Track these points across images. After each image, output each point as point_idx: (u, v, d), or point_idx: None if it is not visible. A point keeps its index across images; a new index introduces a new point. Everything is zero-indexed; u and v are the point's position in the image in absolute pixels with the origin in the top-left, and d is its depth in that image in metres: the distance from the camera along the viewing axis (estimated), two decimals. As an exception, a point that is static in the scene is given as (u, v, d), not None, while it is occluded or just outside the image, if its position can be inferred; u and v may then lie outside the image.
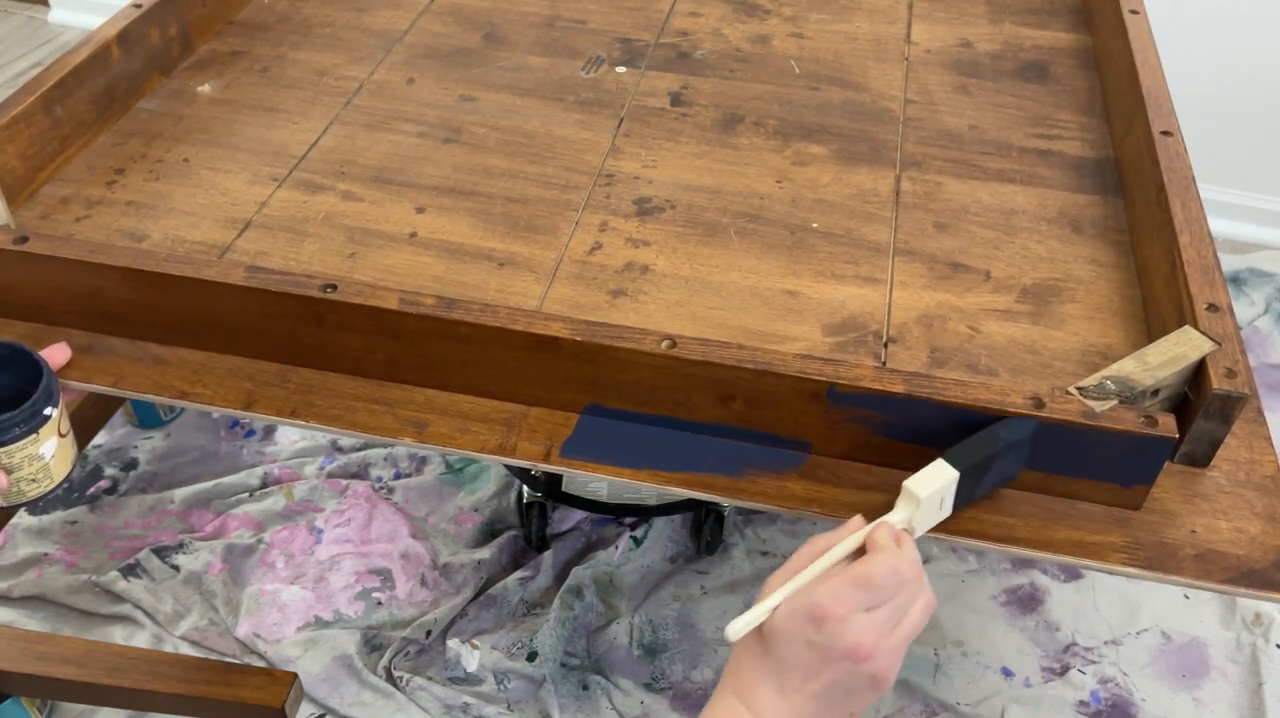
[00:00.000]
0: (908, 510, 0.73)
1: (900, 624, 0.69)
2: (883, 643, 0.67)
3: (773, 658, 0.69)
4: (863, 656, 0.66)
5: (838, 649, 0.67)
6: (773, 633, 0.69)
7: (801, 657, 0.68)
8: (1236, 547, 0.77)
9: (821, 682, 0.68)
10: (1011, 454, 0.77)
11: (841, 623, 0.66)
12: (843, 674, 0.67)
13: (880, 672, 0.68)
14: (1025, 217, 1.05)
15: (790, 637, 0.68)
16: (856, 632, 0.66)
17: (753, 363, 0.78)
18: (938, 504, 0.74)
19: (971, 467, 0.74)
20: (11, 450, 0.81)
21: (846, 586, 0.67)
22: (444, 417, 0.86)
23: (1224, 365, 0.78)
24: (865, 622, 0.67)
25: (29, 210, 1.04)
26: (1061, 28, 1.35)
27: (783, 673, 0.69)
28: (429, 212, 1.04)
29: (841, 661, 0.67)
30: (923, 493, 0.72)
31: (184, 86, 1.21)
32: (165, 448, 1.91)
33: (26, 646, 1.43)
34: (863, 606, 0.67)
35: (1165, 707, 1.58)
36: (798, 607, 0.68)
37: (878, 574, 0.67)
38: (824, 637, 0.67)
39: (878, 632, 0.67)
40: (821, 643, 0.67)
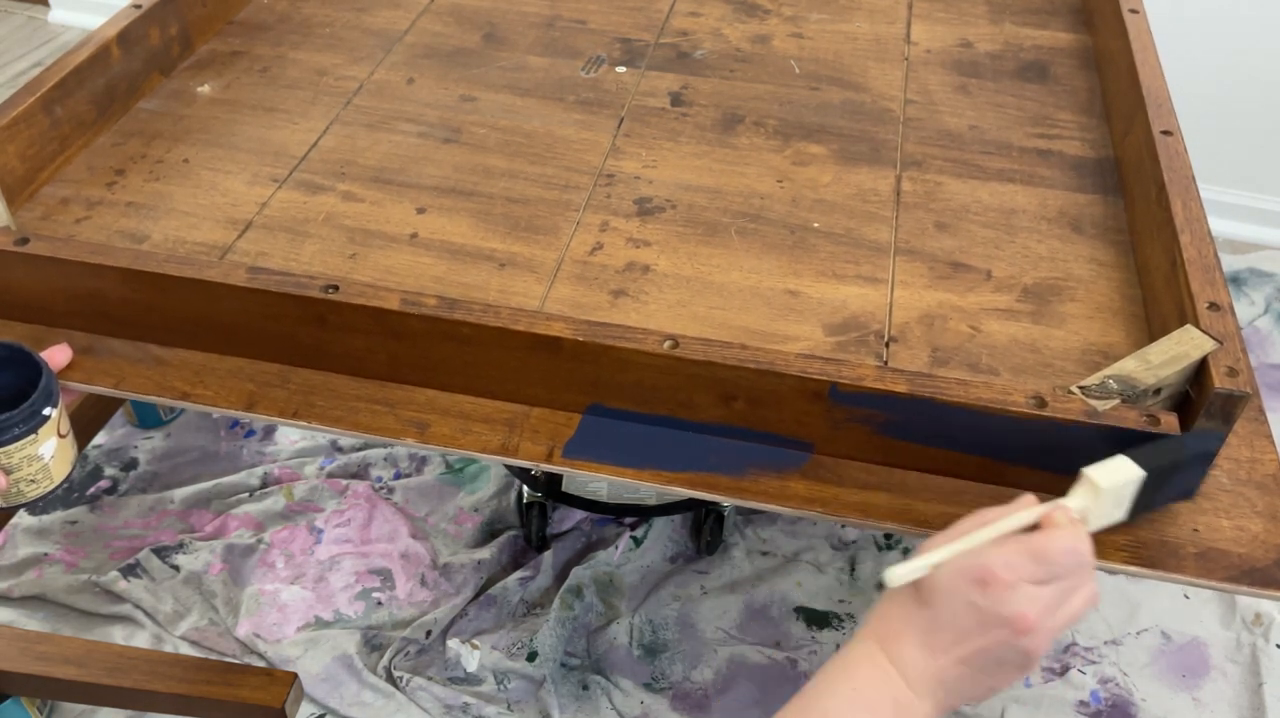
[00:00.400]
0: (1085, 499, 0.69)
1: (1063, 607, 0.66)
2: (1045, 620, 0.65)
3: (927, 612, 0.67)
4: (1024, 627, 0.64)
5: (1000, 616, 0.64)
6: (933, 588, 0.66)
7: (960, 617, 0.65)
8: (1238, 545, 0.77)
9: (973, 647, 0.66)
10: (1194, 466, 0.75)
11: (1010, 589, 0.64)
12: (997, 644, 0.65)
13: (1034, 649, 0.65)
14: (1025, 216, 1.05)
15: (952, 594, 0.65)
16: (1022, 601, 0.64)
17: (754, 363, 0.78)
18: (1115, 502, 0.71)
19: (1157, 469, 0.71)
20: (10, 451, 0.81)
21: (1020, 554, 0.65)
22: (446, 417, 0.86)
23: (1226, 364, 0.78)
24: (1033, 593, 0.64)
25: (29, 211, 1.04)
26: (1061, 27, 1.35)
27: (935, 631, 0.66)
28: (430, 212, 1.04)
29: (1001, 627, 0.64)
30: (1104, 483, 0.69)
31: (184, 87, 1.21)
32: (165, 448, 1.91)
33: (26, 646, 1.43)
34: (1034, 577, 0.64)
35: (1165, 707, 1.58)
36: (965, 566, 0.65)
37: (1055, 548, 0.65)
38: (989, 600, 0.64)
39: (1043, 607, 0.64)
40: (985, 607, 0.64)
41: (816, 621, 1.67)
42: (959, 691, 0.67)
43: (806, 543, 1.78)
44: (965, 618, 0.65)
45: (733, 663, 1.62)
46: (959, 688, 0.67)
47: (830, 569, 1.74)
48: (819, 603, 1.70)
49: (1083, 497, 0.70)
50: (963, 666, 0.66)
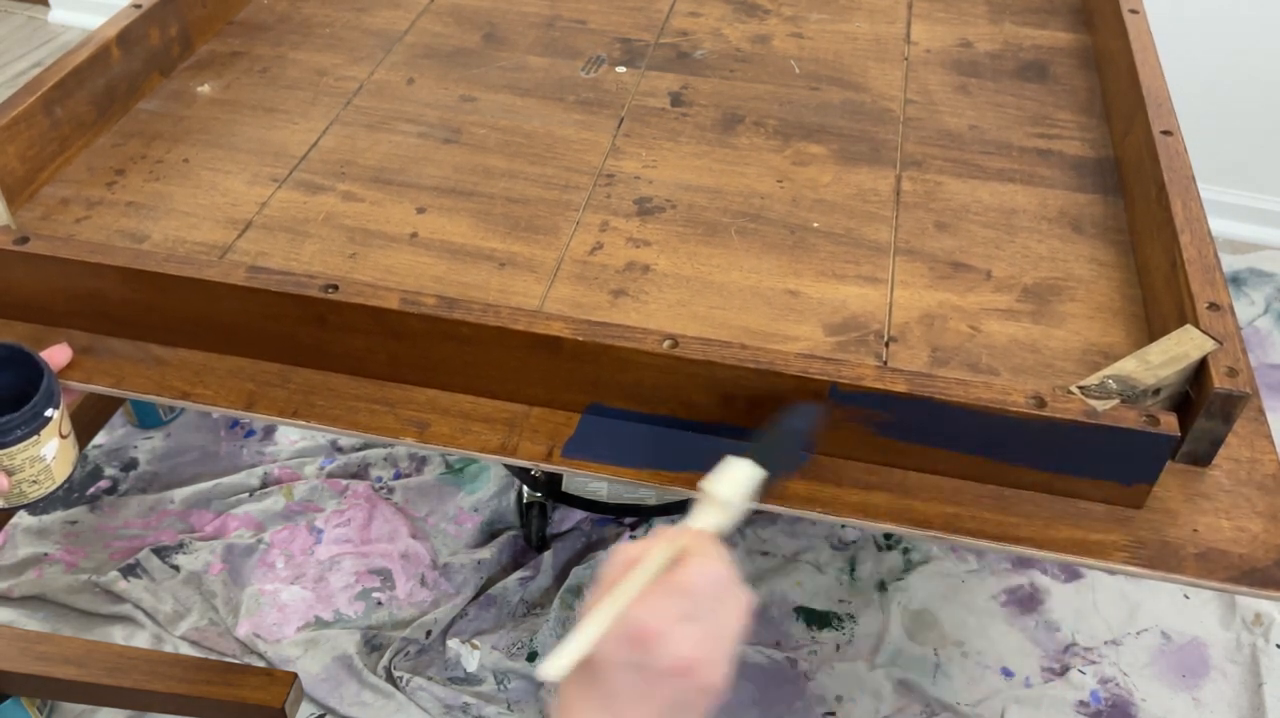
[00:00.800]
0: (711, 515, 0.69)
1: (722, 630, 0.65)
2: (708, 651, 0.64)
3: (600, 690, 0.65)
4: (688, 669, 0.62)
5: (664, 669, 0.62)
6: (596, 664, 0.64)
7: (629, 683, 0.64)
8: (1238, 546, 0.77)
9: (653, 704, 0.64)
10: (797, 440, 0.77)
11: (662, 638, 0.62)
12: (673, 693, 0.63)
13: (710, 680, 0.64)
14: (1025, 216, 1.05)
15: (614, 665, 0.64)
16: (679, 645, 0.62)
17: (754, 363, 0.78)
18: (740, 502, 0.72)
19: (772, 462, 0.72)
20: (13, 452, 0.81)
21: (664, 598, 0.64)
22: (445, 417, 0.86)
23: (1225, 364, 0.78)
24: (686, 632, 0.63)
25: (29, 211, 1.04)
26: (1061, 27, 1.35)
27: (615, 705, 0.64)
28: (429, 212, 1.04)
29: (669, 678, 0.63)
30: (729, 496, 0.70)
31: (184, 87, 1.21)
32: (165, 448, 1.91)
33: (26, 646, 1.43)
34: (684, 615, 0.63)
35: (1165, 707, 1.58)
36: (619, 633, 0.63)
37: (697, 582, 0.64)
38: (649, 657, 0.62)
39: (701, 639, 0.63)
40: (647, 664, 0.63)
41: (816, 621, 1.67)
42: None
43: (806, 543, 1.78)
44: (636, 683, 0.64)
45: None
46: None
47: (830, 569, 1.74)
48: (819, 603, 1.70)
49: (709, 513, 0.69)
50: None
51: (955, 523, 0.79)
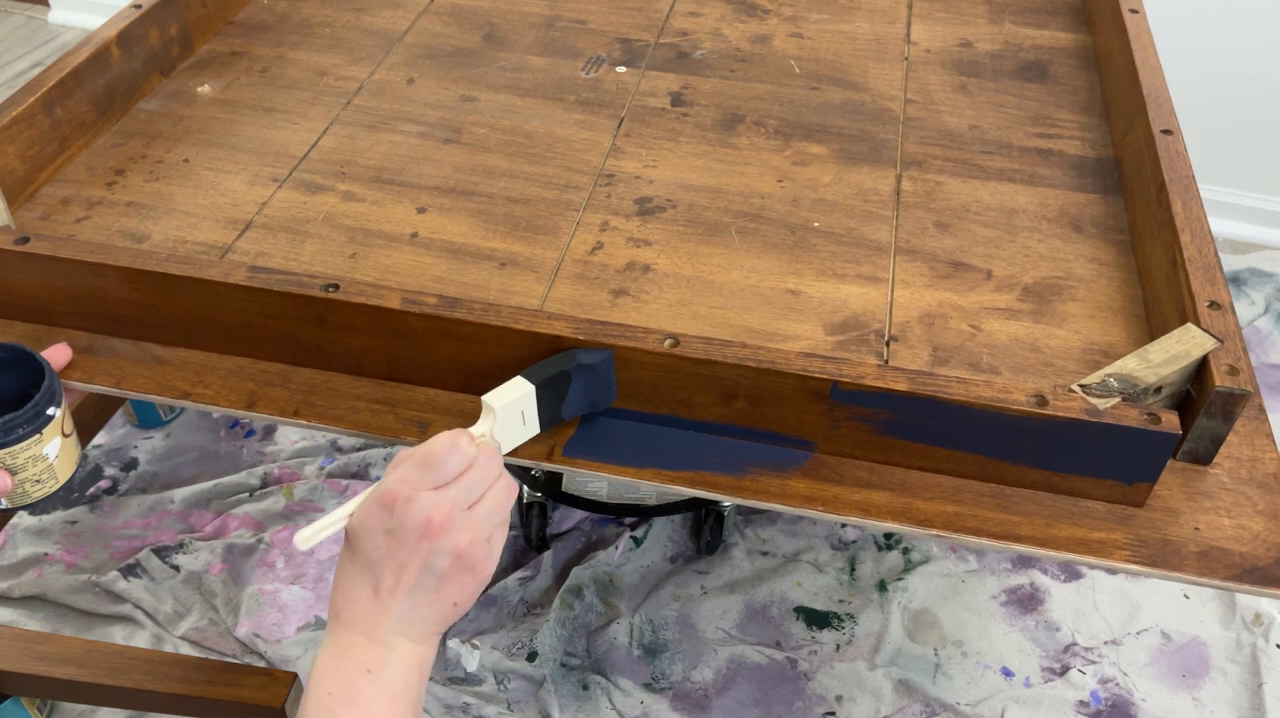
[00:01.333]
0: (488, 423, 0.75)
1: (479, 503, 0.69)
2: (456, 517, 0.68)
3: (360, 561, 0.69)
4: (435, 530, 0.67)
5: (411, 528, 0.67)
6: (354, 534, 0.69)
7: (383, 548, 0.68)
8: (1239, 544, 0.77)
9: (409, 571, 0.68)
10: (594, 379, 0.80)
11: (410, 502, 0.67)
12: (425, 555, 0.68)
13: (463, 548, 0.68)
14: (1026, 216, 1.05)
15: (369, 532, 0.68)
16: (425, 508, 0.67)
17: (755, 361, 0.78)
18: (519, 419, 0.77)
19: (546, 381, 0.78)
20: (15, 451, 0.81)
21: (410, 467, 0.68)
22: (447, 416, 0.86)
23: (1226, 363, 0.78)
24: (434, 498, 0.68)
25: (29, 211, 1.04)
26: (1061, 27, 1.35)
27: (373, 574, 0.69)
28: (430, 212, 1.04)
29: (419, 540, 0.67)
30: (498, 404, 0.75)
31: (184, 87, 1.21)
32: (165, 448, 1.91)
33: (26, 646, 1.43)
34: (430, 484, 0.68)
35: (1165, 707, 1.59)
36: (371, 500, 0.69)
37: (438, 450, 0.68)
38: (396, 520, 0.67)
39: (449, 506, 0.68)
40: (395, 527, 0.67)
41: (816, 621, 1.68)
42: (421, 617, 0.70)
43: (806, 543, 1.78)
44: (388, 547, 0.68)
45: (733, 663, 1.62)
46: (420, 615, 0.70)
47: (830, 569, 1.74)
48: (819, 603, 1.70)
49: (485, 421, 0.76)
50: (412, 592, 0.69)
51: (957, 522, 0.79)
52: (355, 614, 0.69)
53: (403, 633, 0.70)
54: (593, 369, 0.80)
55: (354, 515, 0.70)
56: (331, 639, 0.70)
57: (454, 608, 0.70)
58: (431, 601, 0.69)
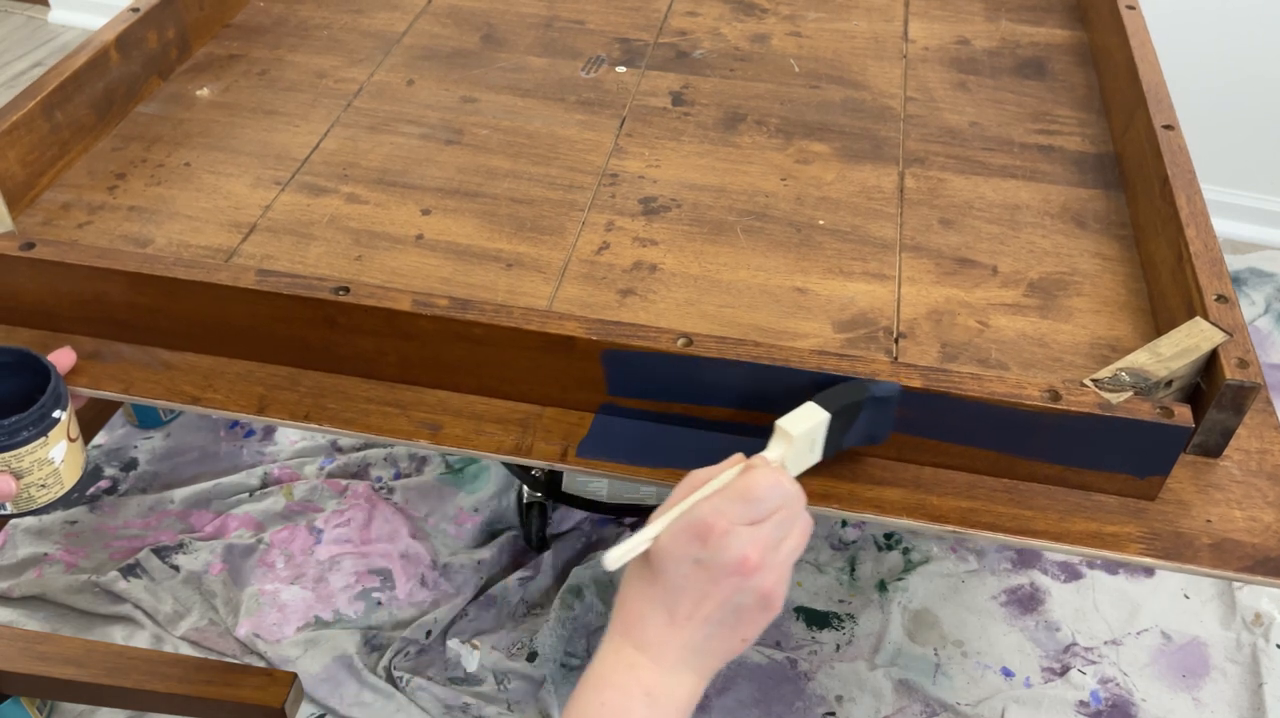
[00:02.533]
0: (781, 448, 0.73)
1: (783, 542, 0.68)
2: (768, 557, 0.66)
3: (660, 584, 0.67)
4: (750, 568, 0.65)
5: (725, 564, 0.65)
6: (658, 557, 0.67)
7: (689, 577, 0.66)
8: (1252, 535, 0.78)
9: (712, 603, 0.67)
10: (879, 412, 0.78)
11: (726, 536, 0.65)
12: (731, 592, 0.66)
13: (768, 588, 0.67)
14: (1029, 212, 1.06)
15: (676, 559, 0.66)
16: (741, 544, 0.65)
17: (769, 360, 0.78)
18: (809, 446, 0.75)
19: (840, 410, 0.75)
20: (21, 454, 0.80)
21: (727, 500, 0.67)
22: (458, 418, 0.86)
23: (1236, 356, 0.78)
24: (750, 534, 0.66)
25: (30, 217, 1.03)
26: (1057, 24, 1.36)
27: (671, 599, 0.67)
28: (434, 213, 1.04)
29: (730, 576, 0.66)
30: (795, 431, 0.72)
31: (182, 90, 1.21)
32: (165, 448, 1.90)
33: (26, 646, 1.42)
34: (746, 518, 0.66)
35: (1165, 707, 1.59)
36: (682, 526, 0.67)
37: (760, 487, 0.67)
38: (709, 552, 0.65)
39: (763, 545, 0.66)
40: (707, 559, 0.66)
41: (816, 621, 1.68)
42: (711, 649, 0.68)
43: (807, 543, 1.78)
44: (695, 577, 0.66)
45: (733, 663, 1.62)
46: (711, 647, 0.68)
47: (830, 569, 1.75)
48: (819, 603, 1.70)
49: (779, 446, 0.73)
50: (707, 624, 0.67)
51: (971, 517, 0.79)
52: (646, 636, 0.68)
53: (689, 665, 0.68)
54: (882, 403, 0.78)
55: (661, 539, 0.67)
56: (615, 651, 0.69)
57: (741, 644, 0.69)
58: (726, 636, 0.68)
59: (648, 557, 0.68)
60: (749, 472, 0.68)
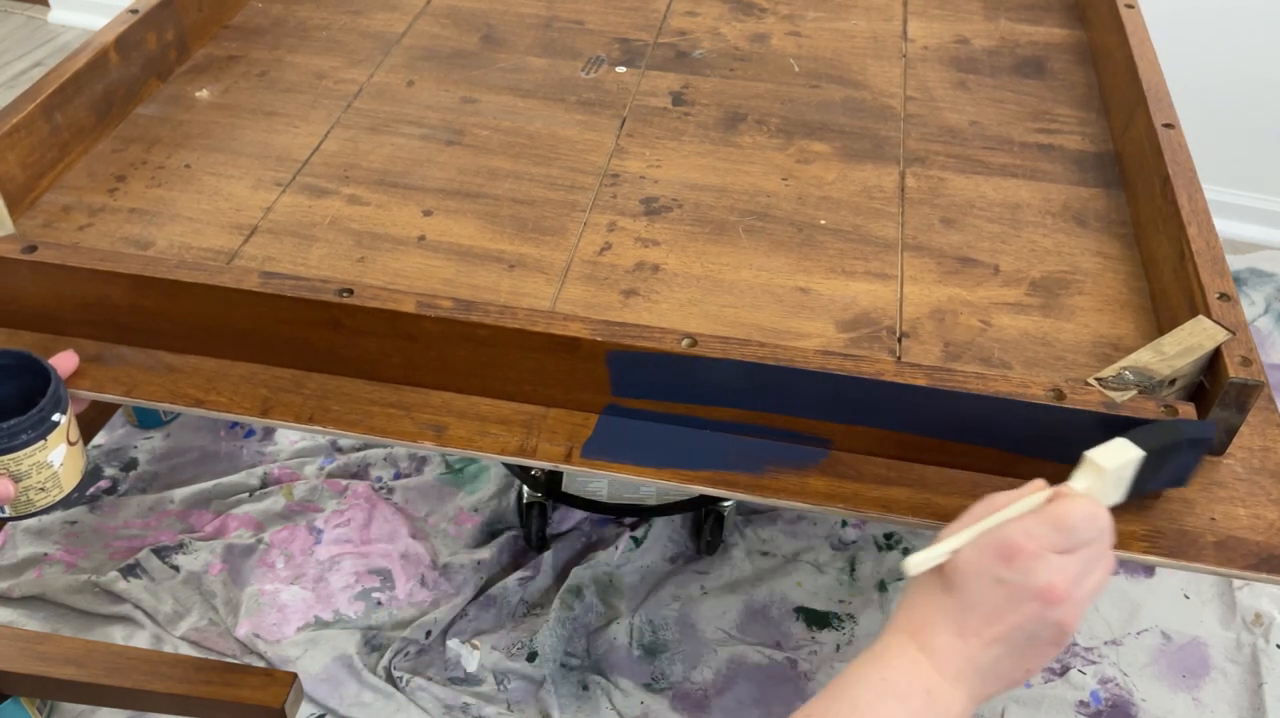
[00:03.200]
0: (1089, 480, 0.69)
1: (1088, 577, 0.65)
2: (1073, 590, 0.63)
3: (955, 596, 0.65)
4: (1055, 597, 0.63)
5: (1029, 588, 0.63)
6: (957, 569, 0.65)
7: (988, 595, 0.64)
8: (1255, 533, 0.78)
9: (1006, 624, 0.64)
10: (1189, 452, 0.75)
11: (1035, 559, 0.63)
12: (1028, 618, 0.64)
13: (1067, 621, 0.64)
14: (1030, 211, 1.06)
15: (977, 574, 0.64)
16: (1050, 571, 0.63)
17: (774, 360, 0.79)
18: (1115, 483, 0.71)
19: (1156, 450, 0.72)
20: (19, 457, 0.80)
21: (1042, 524, 0.64)
22: (462, 419, 0.86)
23: (1239, 354, 0.79)
24: (1060, 563, 0.63)
25: (30, 219, 1.03)
26: (1056, 23, 1.36)
27: (964, 613, 0.65)
28: (436, 214, 1.04)
29: (1031, 601, 0.63)
30: (1107, 465, 0.69)
31: (182, 91, 1.20)
32: (165, 448, 1.90)
33: (26, 646, 1.42)
34: (1057, 547, 0.63)
35: (1165, 707, 1.59)
36: (987, 543, 0.64)
37: (1076, 515, 0.64)
38: (1015, 573, 0.63)
39: (1072, 576, 0.63)
40: (1012, 580, 0.63)
41: (816, 621, 1.68)
42: (995, 673, 0.66)
43: (806, 543, 1.78)
44: (993, 595, 0.64)
45: (733, 663, 1.62)
46: (995, 671, 0.66)
47: (830, 569, 1.75)
48: (819, 603, 1.70)
49: (1087, 478, 0.70)
50: (996, 645, 0.65)
51: (975, 516, 0.79)
52: (933, 642, 0.66)
53: (968, 681, 0.66)
54: (1195, 444, 0.75)
55: (963, 552, 0.65)
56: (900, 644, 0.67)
57: (1025, 674, 0.66)
58: (1013, 662, 0.66)
59: (943, 568, 0.66)
60: (1064, 500, 0.65)
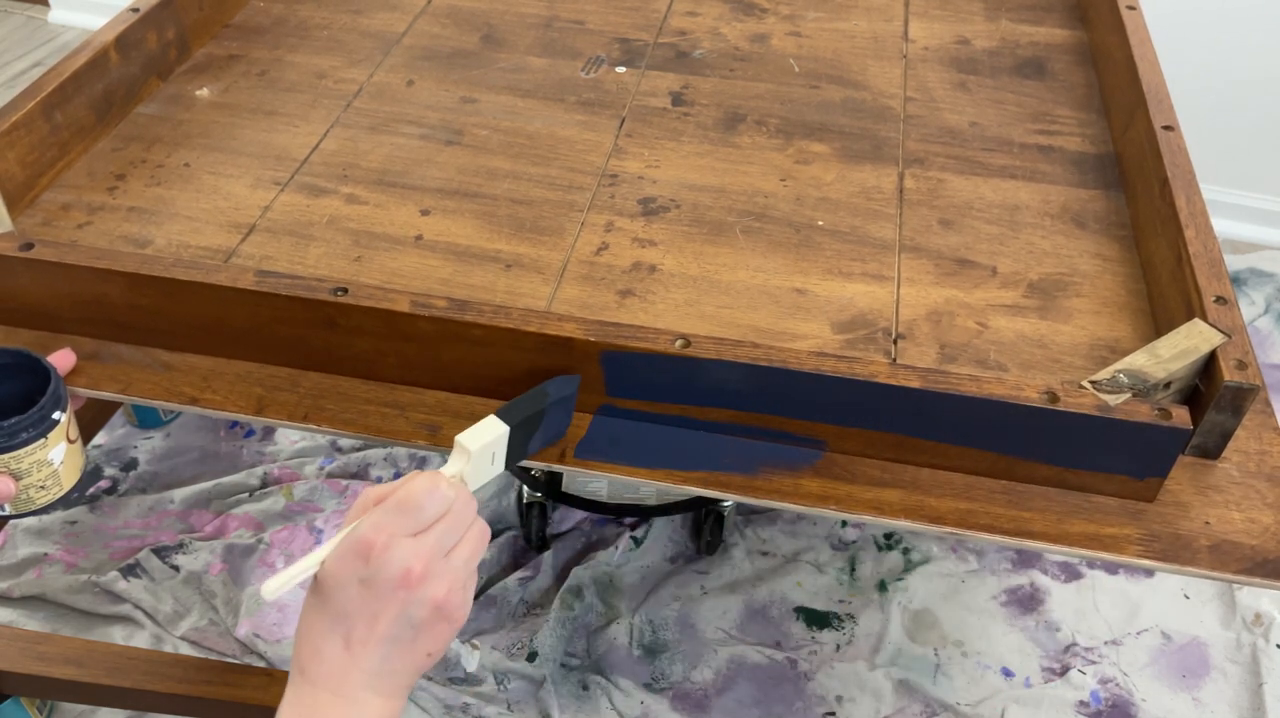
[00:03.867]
0: (460, 463, 0.72)
1: (455, 549, 0.66)
2: (435, 566, 0.65)
3: (330, 611, 0.66)
4: (414, 580, 0.64)
5: (389, 579, 0.64)
6: (324, 582, 0.65)
7: (357, 599, 0.65)
8: (1250, 537, 0.78)
9: (384, 621, 0.65)
10: (558, 410, 0.80)
11: (386, 550, 0.64)
12: (401, 607, 0.65)
13: (441, 599, 0.65)
14: (1029, 212, 1.06)
15: (342, 581, 0.65)
16: (403, 557, 0.64)
17: (767, 361, 0.78)
18: (489, 459, 0.74)
19: (521, 422, 0.75)
20: (20, 456, 0.80)
21: (385, 512, 0.65)
22: (457, 419, 0.86)
23: (1235, 357, 0.78)
24: (412, 546, 0.64)
25: (30, 217, 1.03)
26: (1057, 24, 1.36)
27: (345, 625, 0.65)
28: (434, 214, 1.04)
29: (396, 591, 0.64)
30: (473, 446, 0.72)
31: (182, 91, 1.21)
32: (165, 448, 1.90)
33: (26, 646, 1.42)
34: (408, 530, 0.65)
35: (1165, 707, 1.59)
36: (345, 547, 0.65)
37: (416, 494, 0.65)
38: (373, 569, 0.64)
39: (428, 554, 0.64)
40: (371, 576, 0.64)
41: (816, 621, 1.68)
42: (393, 670, 0.67)
43: (806, 543, 1.78)
44: (362, 598, 0.65)
45: (733, 663, 1.62)
46: (392, 667, 0.66)
47: (830, 569, 1.75)
48: (819, 603, 1.70)
49: (458, 461, 0.72)
50: (384, 645, 0.66)
51: (968, 519, 0.79)
52: (323, 670, 0.66)
53: (374, 688, 0.66)
54: (562, 402, 0.79)
55: (327, 563, 0.66)
56: (295, 698, 0.66)
57: (427, 658, 0.67)
58: (406, 652, 0.66)
59: (316, 584, 0.66)
60: (404, 482, 0.66)
